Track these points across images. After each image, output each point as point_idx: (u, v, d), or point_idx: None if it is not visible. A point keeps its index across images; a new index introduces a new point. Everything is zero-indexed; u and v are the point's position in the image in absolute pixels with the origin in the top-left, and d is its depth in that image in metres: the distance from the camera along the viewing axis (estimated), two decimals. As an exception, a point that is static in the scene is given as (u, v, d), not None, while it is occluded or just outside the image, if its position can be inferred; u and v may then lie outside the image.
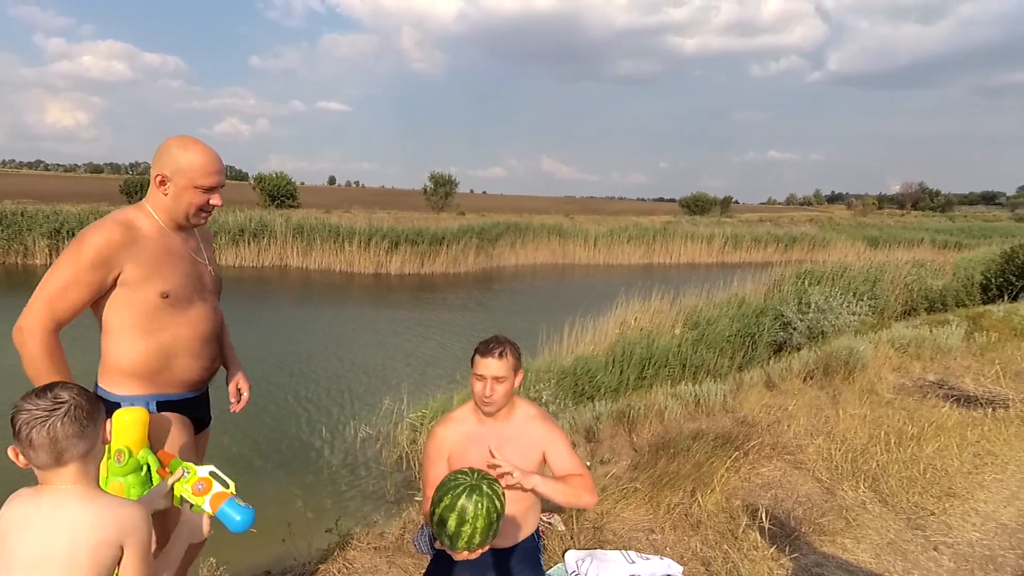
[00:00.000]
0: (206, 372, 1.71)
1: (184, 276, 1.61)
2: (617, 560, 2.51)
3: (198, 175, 1.57)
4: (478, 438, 1.79)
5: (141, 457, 1.45)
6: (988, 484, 3.53)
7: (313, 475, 4.95)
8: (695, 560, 2.67)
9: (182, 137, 1.60)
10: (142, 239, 1.56)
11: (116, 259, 1.50)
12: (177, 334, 1.61)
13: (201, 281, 1.67)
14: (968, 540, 2.94)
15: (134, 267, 1.52)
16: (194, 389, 1.71)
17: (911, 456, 3.64)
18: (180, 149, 1.57)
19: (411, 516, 2.98)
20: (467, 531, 1.49)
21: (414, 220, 21.75)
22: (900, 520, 3.08)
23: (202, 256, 1.72)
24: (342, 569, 2.48)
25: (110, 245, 1.50)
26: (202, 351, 1.67)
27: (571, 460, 1.81)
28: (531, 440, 1.80)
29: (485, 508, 1.49)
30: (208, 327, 1.68)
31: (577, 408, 5.17)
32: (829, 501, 3.24)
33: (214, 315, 1.71)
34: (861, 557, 2.75)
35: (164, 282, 1.56)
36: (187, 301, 1.61)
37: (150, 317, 1.56)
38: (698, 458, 3.40)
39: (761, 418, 4.37)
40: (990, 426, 4.29)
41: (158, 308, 1.56)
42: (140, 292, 1.54)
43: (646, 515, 3.02)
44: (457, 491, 1.51)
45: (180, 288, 1.59)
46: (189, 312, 1.62)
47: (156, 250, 1.57)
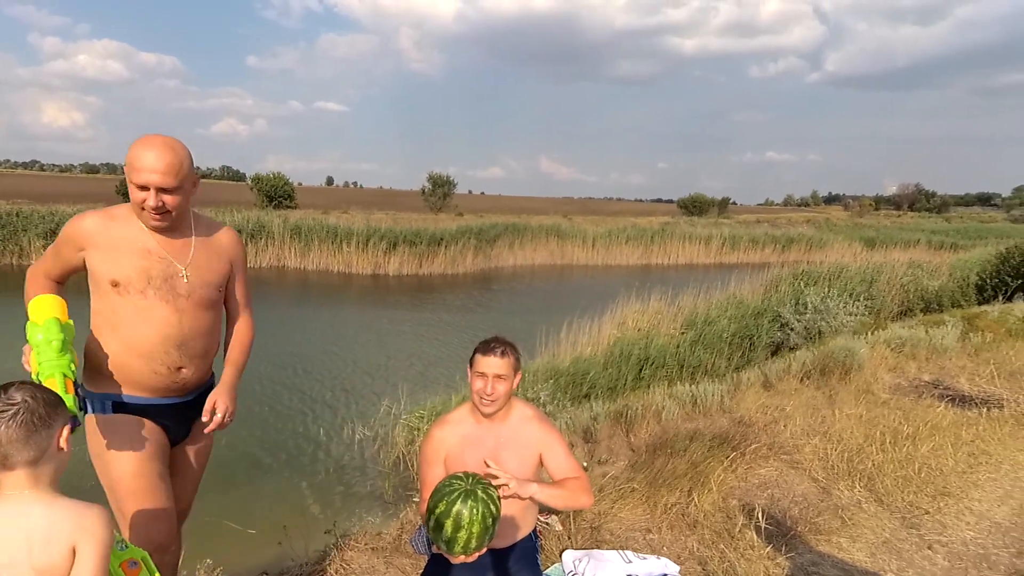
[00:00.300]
0: (163, 379, 1.65)
1: (139, 270, 1.59)
2: (614, 560, 2.52)
3: (131, 170, 1.55)
4: (475, 440, 1.79)
5: (47, 326, 1.44)
6: (982, 483, 3.55)
7: (310, 476, 4.95)
8: (692, 560, 2.68)
9: (146, 135, 1.59)
10: (114, 228, 1.60)
11: (80, 241, 1.59)
12: (133, 333, 1.59)
13: (168, 282, 1.62)
14: (962, 539, 2.96)
15: (96, 253, 1.58)
16: (157, 395, 1.66)
17: (906, 456, 3.66)
18: (133, 144, 1.56)
19: (408, 517, 2.99)
20: (463, 536, 1.51)
21: (412, 221, 21.73)
22: (895, 519, 3.10)
23: (184, 259, 1.65)
24: (339, 570, 2.49)
25: (80, 228, 1.59)
26: (157, 355, 1.62)
27: (568, 462, 1.81)
28: (528, 442, 1.79)
29: (480, 513, 1.50)
30: (169, 332, 1.62)
31: (575, 408, 5.18)
32: (825, 500, 3.25)
33: (179, 319, 1.64)
34: (856, 556, 2.77)
35: (116, 270, 1.57)
36: (139, 295, 1.58)
37: (112, 310, 1.59)
38: (695, 458, 3.42)
39: (758, 418, 4.39)
40: (984, 426, 4.31)
41: (110, 298, 1.58)
42: (98, 277, 1.59)
43: (643, 515, 3.03)
44: (452, 496, 1.52)
45: (132, 280, 1.57)
46: (146, 312, 1.60)
47: (120, 240, 1.59)
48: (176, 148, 1.57)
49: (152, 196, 1.55)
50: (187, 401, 1.74)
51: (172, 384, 1.67)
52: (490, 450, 1.77)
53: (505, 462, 1.74)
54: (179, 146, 1.58)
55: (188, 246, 1.68)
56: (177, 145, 1.58)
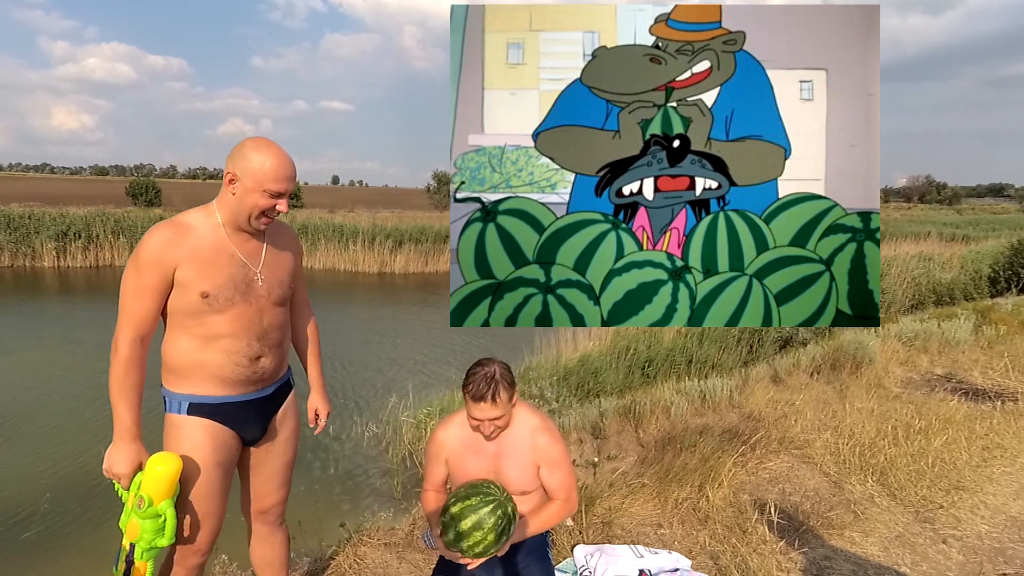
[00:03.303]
0: (244, 371, 1.66)
1: (228, 278, 1.60)
2: (626, 555, 2.52)
3: (266, 178, 1.56)
4: (476, 447, 1.78)
5: (161, 508, 1.46)
6: (997, 477, 3.51)
7: (321, 473, 4.99)
8: (703, 554, 2.67)
9: (259, 139, 1.60)
10: (193, 238, 1.58)
11: (167, 258, 1.54)
12: (211, 331, 1.60)
13: (250, 286, 1.64)
14: (977, 533, 2.93)
15: (185, 266, 1.55)
16: (232, 391, 1.67)
17: (919, 450, 3.62)
18: (254, 150, 1.56)
19: (420, 513, 3.00)
20: (477, 537, 1.56)
21: (418, 219, 21.79)
22: (908, 513, 3.07)
23: (257, 261, 1.68)
24: (353, 565, 2.50)
25: (161, 245, 1.55)
26: (239, 348, 1.63)
27: (560, 484, 1.79)
28: (530, 452, 1.77)
29: (501, 527, 1.57)
30: (247, 325, 1.64)
31: (583, 405, 5.18)
32: (837, 495, 3.23)
33: (260, 317, 1.67)
34: (870, 550, 2.75)
35: (206, 282, 1.56)
36: (228, 303, 1.60)
37: (190, 315, 1.59)
38: (705, 453, 3.41)
39: (768, 413, 4.37)
40: (999, 419, 4.27)
41: (198, 307, 1.57)
42: (186, 290, 1.57)
43: (654, 510, 3.02)
44: (486, 499, 1.57)
45: (222, 290, 1.58)
46: (231, 314, 1.61)
47: (205, 249, 1.58)
48: (287, 153, 1.63)
49: (285, 203, 1.61)
50: (265, 396, 1.75)
51: (252, 375, 1.68)
52: (490, 458, 1.77)
53: (505, 471, 1.75)
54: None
55: (261, 247, 1.70)
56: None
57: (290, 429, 1.87)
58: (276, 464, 1.85)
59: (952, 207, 62.32)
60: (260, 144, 1.58)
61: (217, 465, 1.66)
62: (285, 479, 1.90)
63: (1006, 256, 13.04)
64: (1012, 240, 14.28)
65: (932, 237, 25.12)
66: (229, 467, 1.72)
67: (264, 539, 1.93)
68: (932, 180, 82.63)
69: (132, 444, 1.55)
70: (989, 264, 13.16)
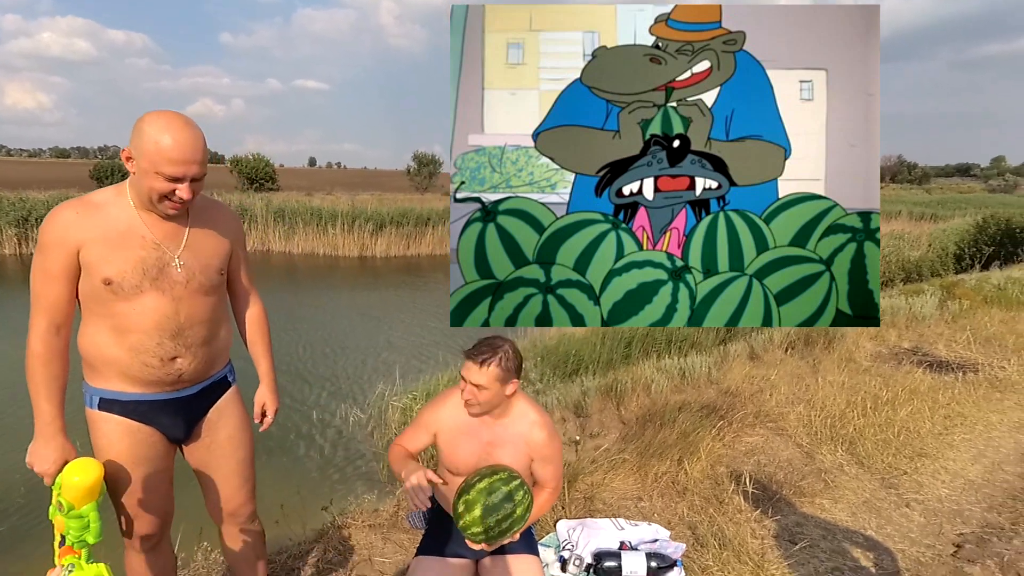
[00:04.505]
0: (155, 372, 1.50)
1: (136, 263, 1.44)
2: (607, 528, 2.61)
3: (160, 160, 1.37)
4: (469, 431, 1.78)
5: (84, 512, 1.35)
6: (957, 444, 3.70)
7: (305, 459, 5.01)
8: (682, 525, 2.79)
9: (161, 113, 1.40)
10: (100, 218, 1.44)
11: (70, 239, 1.41)
12: (121, 323, 1.46)
13: (163, 272, 1.47)
14: (937, 496, 3.10)
15: (88, 248, 1.42)
16: (144, 390, 1.52)
17: (886, 420, 3.79)
18: (150, 126, 1.37)
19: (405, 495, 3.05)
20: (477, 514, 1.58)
21: (398, 201, 21.53)
22: (875, 480, 3.23)
23: (176, 244, 1.51)
24: (337, 547, 2.51)
25: (63, 224, 1.41)
26: (147, 347, 1.48)
27: (551, 476, 1.83)
28: (524, 444, 1.78)
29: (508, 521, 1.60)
30: (159, 320, 1.48)
31: (565, 384, 5.27)
32: (809, 465, 3.38)
33: (176, 310, 1.50)
34: (838, 516, 2.89)
35: (109, 267, 1.42)
36: (135, 291, 1.44)
37: (97, 302, 1.45)
38: (684, 428, 3.52)
39: (745, 388, 4.51)
40: (960, 389, 4.48)
41: (102, 294, 1.43)
42: (89, 275, 1.43)
43: (634, 484, 3.13)
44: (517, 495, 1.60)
45: (127, 275, 1.43)
46: (139, 305, 1.45)
47: (112, 231, 1.43)
48: (197, 128, 1.42)
49: (187, 188, 1.41)
50: (187, 396, 1.59)
51: (165, 376, 1.52)
52: (484, 444, 1.77)
53: (497, 459, 1.76)
54: (196, 124, 1.43)
55: (182, 229, 1.52)
56: (195, 124, 1.43)
57: (233, 427, 1.72)
58: (227, 464, 1.72)
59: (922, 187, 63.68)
60: (158, 120, 1.37)
61: (140, 461, 1.54)
62: (245, 477, 1.78)
63: (971, 234, 13.46)
64: (977, 219, 14.72)
65: (903, 216, 25.73)
66: (158, 462, 1.59)
67: (236, 537, 1.83)
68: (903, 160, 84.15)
69: (54, 440, 1.43)
70: (955, 242, 13.56)
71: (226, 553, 1.86)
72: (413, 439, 1.85)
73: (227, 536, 1.83)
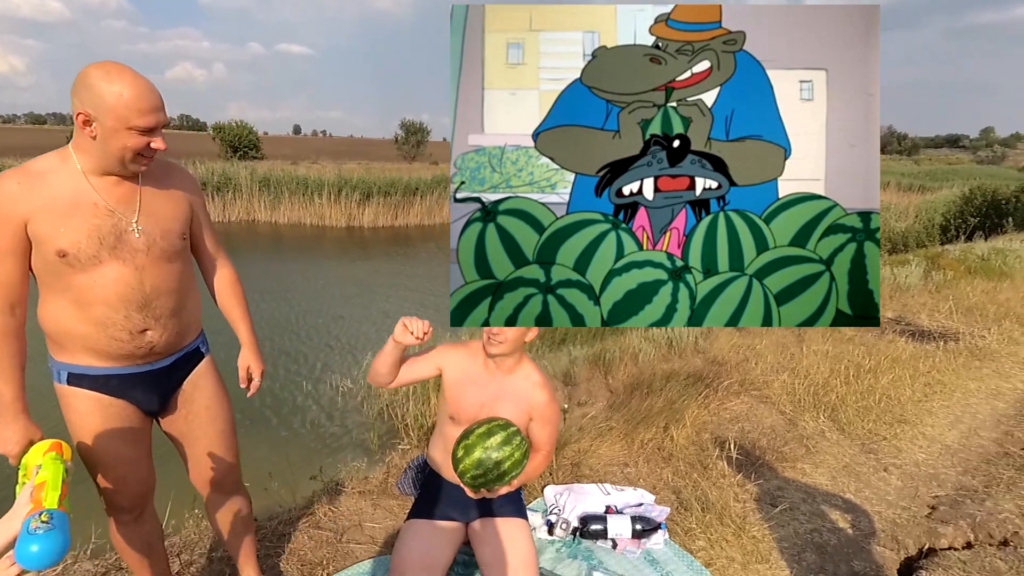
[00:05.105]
0: (125, 346, 1.46)
1: (90, 230, 1.37)
2: (593, 492, 2.66)
3: (129, 113, 1.29)
4: (476, 381, 1.85)
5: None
6: (936, 411, 3.79)
7: (296, 427, 5.03)
8: (666, 489, 2.84)
9: (106, 64, 1.30)
10: (46, 187, 1.35)
11: (15, 212, 1.33)
12: (81, 296, 1.40)
13: (121, 239, 1.40)
14: (915, 461, 3.19)
15: (37, 219, 1.34)
16: (113, 364, 1.48)
17: (867, 387, 3.86)
18: (104, 81, 1.28)
19: (395, 461, 3.07)
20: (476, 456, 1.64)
21: (386, 171, 21.24)
22: (855, 446, 3.30)
23: (131, 209, 1.43)
24: (327, 513, 2.53)
25: (6, 198, 1.32)
26: (115, 320, 1.42)
27: (547, 439, 1.90)
28: (526, 402, 1.85)
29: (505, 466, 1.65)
30: (123, 291, 1.42)
31: (554, 353, 5.30)
32: (791, 431, 3.45)
33: (139, 279, 1.44)
34: (819, 480, 2.97)
35: (62, 238, 1.35)
36: (93, 261, 1.37)
37: (54, 276, 1.39)
38: (671, 396, 3.57)
39: (730, 357, 4.56)
40: (941, 357, 4.56)
41: (58, 268, 1.37)
42: (41, 248, 1.36)
43: (621, 451, 3.18)
44: (514, 436, 1.66)
45: (82, 246, 1.36)
46: (100, 277, 1.39)
47: (60, 199, 1.35)
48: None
49: (161, 139, 1.36)
50: (159, 369, 1.55)
51: (136, 350, 1.47)
52: (491, 395, 1.84)
53: (499, 412, 1.81)
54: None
55: (135, 192, 1.44)
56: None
57: (209, 398, 1.68)
58: (207, 435, 1.70)
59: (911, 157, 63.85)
60: (109, 71, 1.29)
61: (115, 435, 1.51)
62: (226, 447, 1.76)
63: (957, 205, 13.56)
64: (964, 190, 14.82)
65: (891, 187, 25.85)
66: (134, 435, 1.56)
67: (221, 506, 1.83)
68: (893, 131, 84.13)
69: (16, 420, 1.39)
70: (942, 213, 13.67)
71: (212, 522, 1.86)
72: (413, 363, 1.90)
73: (212, 505, 1.82)
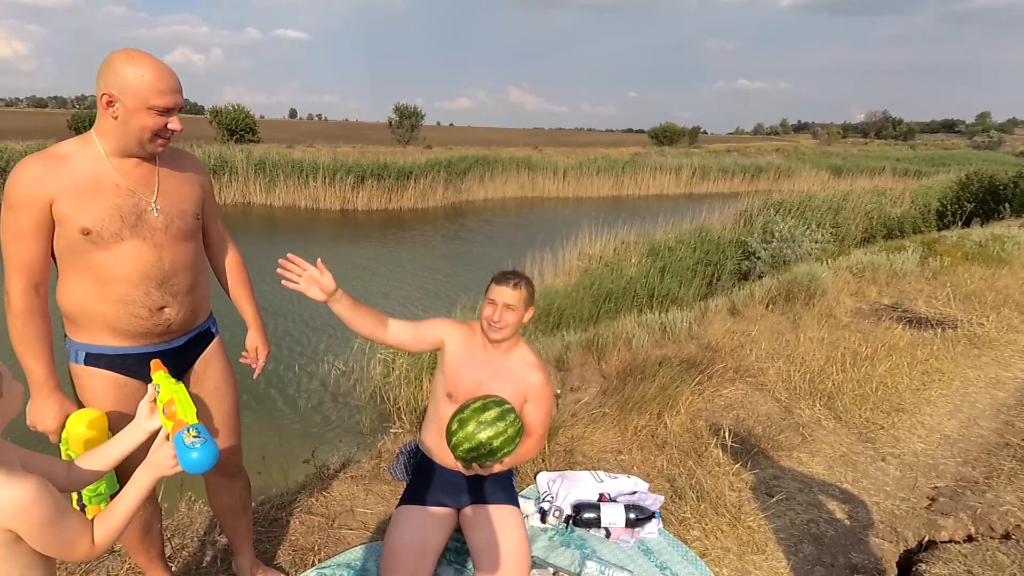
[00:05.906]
0: (144, 323, 1.50)
1: (113, 209, 1.43)
2: (586, 480, 2.61)
3: (151, 94, 1.37)
4: (475, 359, 1.88)
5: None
6: (934, 399, 3.74)
7: (288, 410, 4.98)
8: (660, 477, 2.79)
9: (128, 50, 1.39)
10: (70, 169, 1.41)
11: (40, 193, 1.38)
12: (102, 273, 1.44)
13: (141, 218, 1.46)
14: (913, 450, 3.14)
15: (61, 200, 1.39)
16: (132, 343, 1.52)
17: (864, 375, 3.82)
18: (127, 64, 1.36)
19: (387, 446, 3.02)
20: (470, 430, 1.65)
21: (380, 154, 21.06)
22: (852, 434, 3.26)
23: (150, 190, 1.49)
24: (320, 498, 2.52)
25: (32, 179, 1.37)
26: (135, 297, 1.47)
27: (541, 421, 1.92)
28: (521, 383, 1.88)
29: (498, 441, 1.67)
30: (144, 268, 1.47)
31: (547, 338, 5.24)
32: (787, 419, 3.40)
33: (159, 256, 1.50)
34: (815, 469, 2.92)
35: (86, 216, 1.40)
36: (115, 238, 1.43)
37: (76, 255, 1.43)
38: (664, 382, 3.51)
39: (725, 343, 4.51)
40: (939, 345, 4.52)
41: (82, 246, 1.42)
42: (65, 227, 1.41)
43: (614, 437, 3.12)
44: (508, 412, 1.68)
45: (105, 223, 1.41)
46: (123, 254, 1.44)
47: (83, 180, 1.41)
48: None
49: (177, 119, 1.44)
50: (175, 347, 1.59)
51: (154, 328, 1.52)
52: (489, 374, 1.86)
53: (496, 390, 1.83)
54: None
55: (153, 174, 1.51)
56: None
57: (218, 378, 1.74)
58: (214, 415, 1.75)
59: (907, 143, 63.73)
60: (132, 56, 1.38)
61: (126, 416, 1.49)
62: (230, 428, 1.81)
63: (954, 191, 13.50)
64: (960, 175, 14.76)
65: (886, 172, 25.80)
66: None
67: (223, 488, 1.88)
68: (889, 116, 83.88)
69: (51, 396, 1.45)
70: (938, 199, 13.61)
71: (212, 503, 1.91)
72: (418, 326, 1.91)
73: (213, 487, 1.88)
